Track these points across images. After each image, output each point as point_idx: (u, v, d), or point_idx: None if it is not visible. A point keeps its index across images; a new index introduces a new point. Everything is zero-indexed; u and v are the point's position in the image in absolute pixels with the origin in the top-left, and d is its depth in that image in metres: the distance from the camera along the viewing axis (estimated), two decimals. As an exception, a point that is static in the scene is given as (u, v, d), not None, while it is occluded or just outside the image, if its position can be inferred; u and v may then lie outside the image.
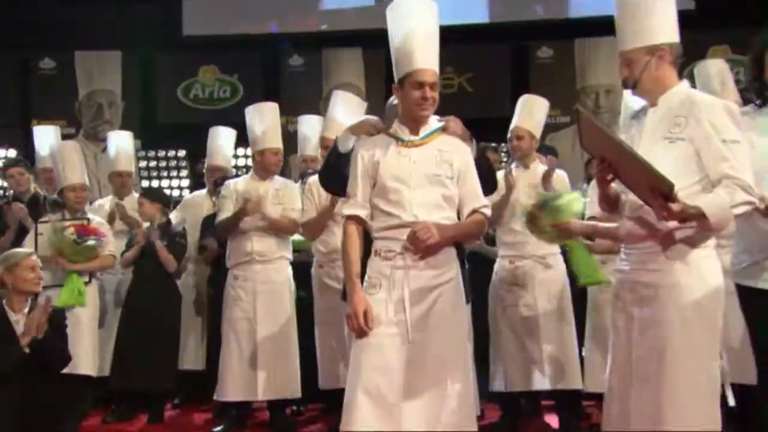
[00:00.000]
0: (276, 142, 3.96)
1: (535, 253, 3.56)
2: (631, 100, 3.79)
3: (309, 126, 4.71)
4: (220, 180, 4.30)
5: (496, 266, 3.72)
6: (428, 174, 2.36)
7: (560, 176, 3.68)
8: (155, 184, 7.27)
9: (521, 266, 3.59)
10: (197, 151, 7.64)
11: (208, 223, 4.27)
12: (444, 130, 2.43)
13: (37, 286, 3.14)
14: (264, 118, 3.96)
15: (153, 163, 7.25)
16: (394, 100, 2.58)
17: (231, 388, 3.75)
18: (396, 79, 2.38)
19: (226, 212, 3.83)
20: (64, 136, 7.35)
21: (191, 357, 4.46)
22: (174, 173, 7.55)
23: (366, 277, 2.39)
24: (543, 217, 2.75)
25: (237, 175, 5.25)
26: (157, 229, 4.14)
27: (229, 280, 3.87)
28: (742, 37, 6.97)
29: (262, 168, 3.93)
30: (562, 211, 2.73)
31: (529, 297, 3.56)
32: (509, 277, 3.62)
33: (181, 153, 7.58)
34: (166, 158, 7.52)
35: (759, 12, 5.89)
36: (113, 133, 5.06)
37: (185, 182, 7.43)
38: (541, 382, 3.53)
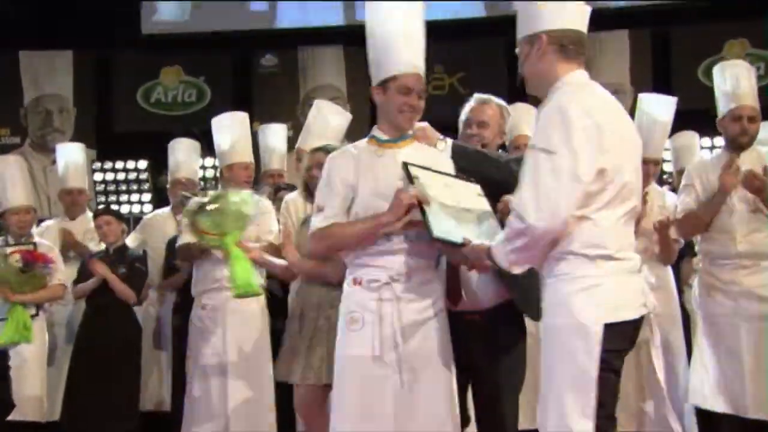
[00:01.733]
0: (246, 155, 3.93)
1: None
2: (647, 104, 3.85)
3: (273, 135, 4.68)
4: (186, 197, 4.24)
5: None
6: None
7: None
8: (113, 199, 7.18)
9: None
10: (160, 162, 7.62)
11: (174, 245, 4.20)
12: (416, 138, 2.46)
13: None
14: (232, 130, 3.93)
15: (110, 177, 7.15)
16: None
17: (197, 430, 3.67)
18: (375, 81, 2.37)
19: (186, 235, 3.77)
20: (8, 147, 7.34)
21: (154, 396, 4.38)
22: (134, 187, 7.46)
23: (343, 311, 2.34)
24: (202, 222, 2.89)
25: (204, 189, 5.19)
26: (111, 256, 4.07)
27: (195, 309, 3.81)
28: (761, 31, 7.05)
29: (232, 184, 3.88)
30: (226, 215, 2.99)
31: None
32: None
33: (142, 165, 7.48)
34: (125, 170, 7.41)
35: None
36: (62, 145, 5.00)
37: (146, 197, 7.36)
38: None
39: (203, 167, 6.29)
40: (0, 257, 3.90)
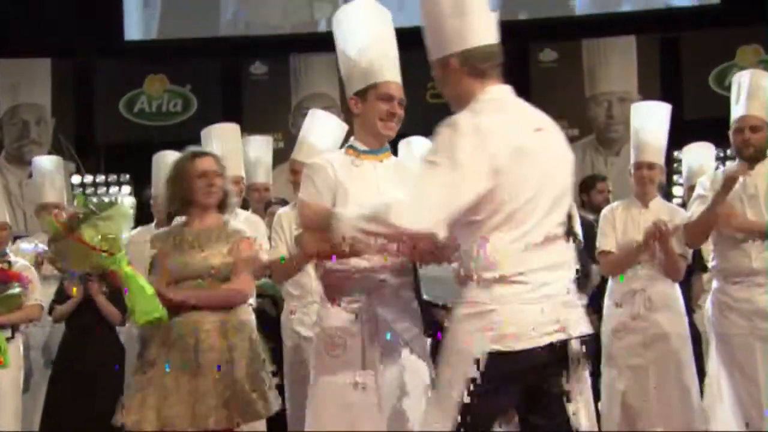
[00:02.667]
0: (236, 169, 3.93)
1: None
2: (638, 112, 3.88)
3: (258, 147, 4.68)
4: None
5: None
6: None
7: None
8: (93, 214, 7.18)
9: None
10: (143, 175, 7.63)
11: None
12: None
13: None
14: (222, 142, 3.94)
15: (90, 190, 7.17)
16: None
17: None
18: (352, 90, 2.41)
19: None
20: (-17, 160, 7.35)
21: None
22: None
23: (320, 335, 2.35)
24: (88, 235, 2.60)
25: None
26: (95, 278, 4.06)
27: (180, 331, 3.78)
28: (776, 37, 7.06)
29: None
30: (120, 227, 2.68)
31: None
32: None
33: (125, 178, 7.52)
34: (107, 184, 7.47)
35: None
36: (38, 158, 5.00)
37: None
38: None
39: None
40: (-27, 276, 3.88)
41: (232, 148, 3.97)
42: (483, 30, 2.01)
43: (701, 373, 3.72)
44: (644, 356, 3.65)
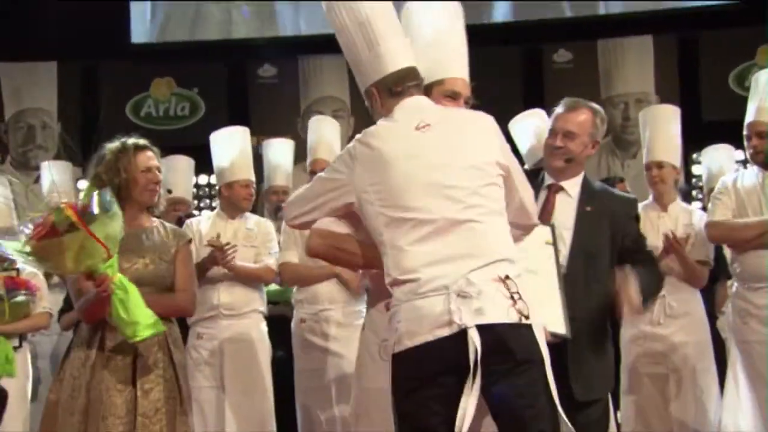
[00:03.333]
0: (246, 173, 3.98)
1: None
2: (650, 120, 3.88)
3: (277, 151, 4.73)
4: (185, 217, 4.31)
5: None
6: None
7: None
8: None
9: None
10: (149, 180, 7.66)
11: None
12: None
13: None
14: (232, 146, 3.99)
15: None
16: None
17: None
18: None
19: None
20: (-13, 166, 7.41)
21: None
22: (122, 207, 7.52)
23: (372, 339, 2.34)
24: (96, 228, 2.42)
25: (199, 208, 5.25)
26: None
27: (190, 339, 3.84)
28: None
29: (231, 204, 3.93)
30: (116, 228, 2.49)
31: None
32: None
33: (131, 183, 7.54)
34: (113, 189, 7.51)
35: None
36: (47, 163, 5.06)
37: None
38: None
39: (197, 185, 6.36)
40: (-19, 284, 3.94)
41: (242, 152, 4.02)
42: (394, 57, 2.17)
43: (723, 381, 3.72)
44: (664, 364, 3.67)
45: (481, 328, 1.93)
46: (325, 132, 4.08)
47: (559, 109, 2.77)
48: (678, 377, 3.64)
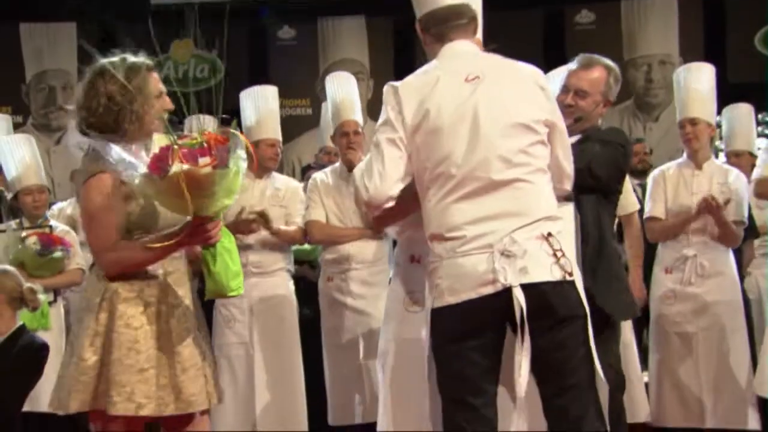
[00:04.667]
0: (274, 132, 4.04)
1: None
2: (683, 78, 3.87)
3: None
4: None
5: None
6: None
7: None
8: (121, 180, 7.34)
9: None
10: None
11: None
12: None
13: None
14: (260, 105, 4.04)
15: (117, 157, 7.31)
16: None
17: (222, 422, 3.81)
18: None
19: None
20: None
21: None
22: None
23: (399, 291, 2.42)
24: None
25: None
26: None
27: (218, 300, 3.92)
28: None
29: (258, 162, 3.99)
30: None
31: None
32: None
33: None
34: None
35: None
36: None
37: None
38: None
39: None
40: (16, 240, 4.05)
41: (270, 111, 4.07)
42: None
43: (752, 341, 3.74)
44: (694, 323, 3.67)
45: (525, 287, 1.98)
46: (350, 90, 4.05)
47: (572, 66, 2.76)
48: (708, 336, 3.64)
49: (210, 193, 2.01)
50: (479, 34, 2.27)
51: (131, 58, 2.37)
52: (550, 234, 2.03)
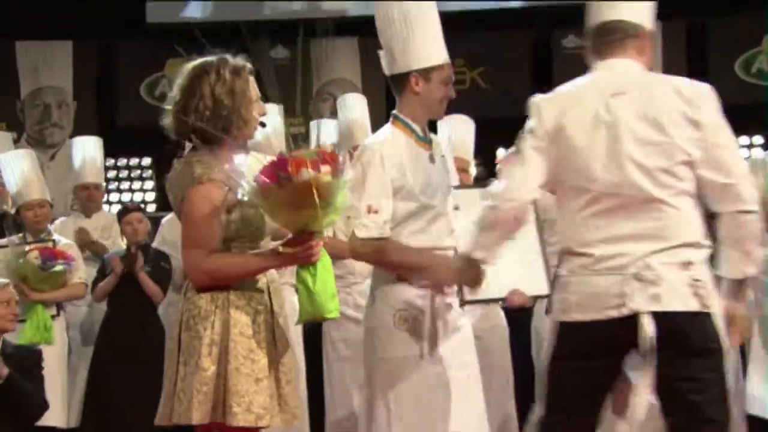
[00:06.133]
0: (279, 148, 4.00)
1: None
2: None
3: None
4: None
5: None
6: (449, 187, 2.53)
7: None
8: (114, 197, 7.26)
9: None
10: (164, 159, 7.64)
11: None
12: None
13: (12, 323, 3.14)
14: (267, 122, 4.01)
15: (112, 174, 7.23)
16: None
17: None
18: (409, 68, 2.41)
19: None
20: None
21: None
22: (137, 185, 7.55)
23: (386, 310, 2.41)
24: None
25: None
26: (140, 255, 4.15)
27: (226, 310, 3.87)
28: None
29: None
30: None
31: None
32: None
33: (146, 161, 7.58)
34: (128, 167, 7.53)
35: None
36: (79, 139, 5.08)
37: (150, 196, 7.44)
38: None
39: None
40: (18, 254, 3.98)
41: (273, 128, 4.05)
42: (607, 5, 2.08)
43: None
44: None
45: (656, 315, 1.89)
46: (363, 112, 4.03)
47: None
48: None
49: (326, 204, 1.92)
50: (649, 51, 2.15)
51: (232, 59, 2.19)
52: (690, 262, 1.92)
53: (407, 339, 2.36)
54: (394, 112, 2.49)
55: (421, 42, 2.43)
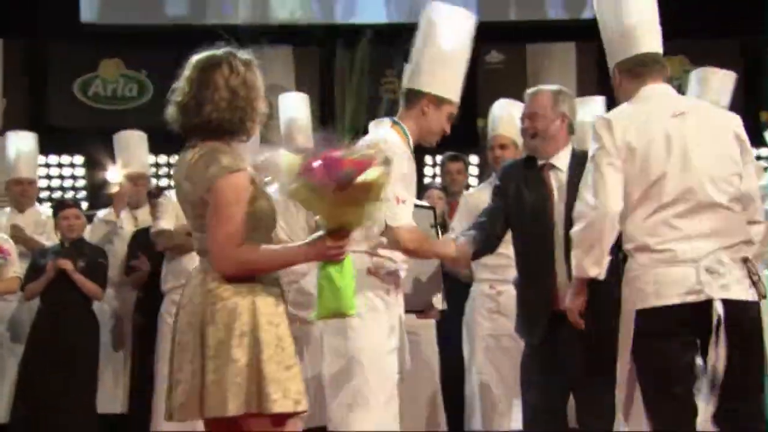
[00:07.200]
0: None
1: None
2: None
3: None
4: (156, 191, 4.25)
5: (472, 291, 3.78)
6: None
7: None
8: (44, 196, 6.94)
9: (504, 291, 3.53)
10: (97, 157, 7.39)
11: (139, 239, 4.15)
12: None
13: None
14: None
15: (43, 171, 6.90)
16: None
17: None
18: (427, 88, 2.48)
19: (168, 221, 3.74)
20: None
21: (108, 398, 4.27)
22: (68, 183, 7.25)
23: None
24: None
25: (163, 187, 5.14)
26: (67, 250, 3.98)
27: (165, 306, 3.76)
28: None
29: None
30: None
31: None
32: (490, 304, 3.63)
33: (78, 160, 7.28)
34: (59, 166, 7.22)
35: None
36: (13, 133, 4.84)
37: (81, 194, 7.15)
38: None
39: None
40: (-49, 248, 3.75)
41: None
42: (644, 38, 2.34)
43: None
44: None
45: (724, 301, 2.16)
46: (302, 111, 3.99)
47: (525, 98, 2.91)
48: None
49: (376, 203, 1.92)
50: None
51: (241, 53, 2.12)
52: (747, 258, 2.24)
53: (375, 327, 2.38)
54: (395, 118, 2.54)
55: (449, 73, 2.50)
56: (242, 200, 1.94)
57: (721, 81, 3.59)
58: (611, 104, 4.51)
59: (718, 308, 2.14)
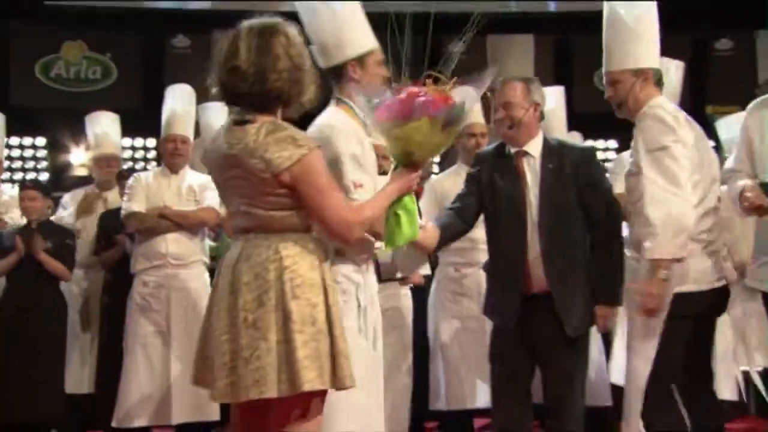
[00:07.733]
0: (182, 129, 3.87)
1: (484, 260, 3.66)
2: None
3: (214, 114, 4.62)
4: (126, 173, 4.17)
5: (437, 274, 3.81)
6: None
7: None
8: (5, 177, 6.74)
9: (469, 274, 3.62)
10: (60, 139, 7.22)
11: (108, 220, 4.07)
12: None
13: None
14: (180, 103, 3.89)
15: (5, 153, 6.69)
16: None
17: (138, 412, 3.58)
18: (348, 57, 2.37)
19: (139, 203, 3.69)
20: None
21: (75, 379, 4.19)
22: (30, 165, 7.06)
23: (329, 282, 2.36)
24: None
25: (133, 169, 5.04)
26: (36, 232, 3.88)
27: (136, 287, 3.71)
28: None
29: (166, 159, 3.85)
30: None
31: (477, 308, 3.38)
32: (455, 287, 3.67)
33: (40, 141, 7.10)
34: (21, 147, 7.04)
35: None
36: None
37: (44, 176, 6.98)
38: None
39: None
40: None
41: (186, 110, 3.94)
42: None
43: None
44: None
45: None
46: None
47: (496, 88, 2.85)
48: None
49: (451, 133, 2.06)
50: None
51: (272, 21, 1.93)
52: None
53: (346, 311, 2.25)
54: (336, 95, 2.42)
55: (351, 33, 2.40)
56: (327, 171, 1.97)
57: (676, 72, 3.65)
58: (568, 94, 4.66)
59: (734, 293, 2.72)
